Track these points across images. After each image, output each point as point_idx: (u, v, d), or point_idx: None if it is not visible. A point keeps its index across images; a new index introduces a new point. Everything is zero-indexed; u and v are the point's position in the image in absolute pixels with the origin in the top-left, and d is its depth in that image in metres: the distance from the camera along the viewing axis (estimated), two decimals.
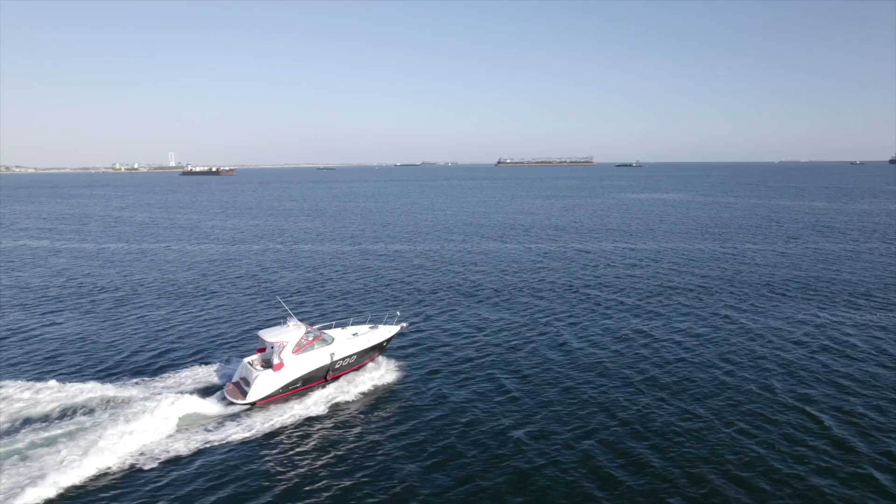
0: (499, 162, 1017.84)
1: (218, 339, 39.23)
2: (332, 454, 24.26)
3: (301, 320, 35.89)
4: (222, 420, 26.91)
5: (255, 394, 28.42)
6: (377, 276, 59.68)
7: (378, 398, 29.65)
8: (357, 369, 32.48)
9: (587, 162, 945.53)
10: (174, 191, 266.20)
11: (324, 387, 30.60)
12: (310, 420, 27.23)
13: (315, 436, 25.80)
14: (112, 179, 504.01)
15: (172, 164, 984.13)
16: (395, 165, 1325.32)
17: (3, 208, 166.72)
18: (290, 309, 43.77)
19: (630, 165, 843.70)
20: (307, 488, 21.89)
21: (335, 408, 28.49)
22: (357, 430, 26.35)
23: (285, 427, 26.46)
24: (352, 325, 34.83)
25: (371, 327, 34.18)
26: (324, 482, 22.28)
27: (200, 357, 35.48)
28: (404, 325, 36.16)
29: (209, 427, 26.20)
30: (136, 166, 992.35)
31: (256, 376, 28.73)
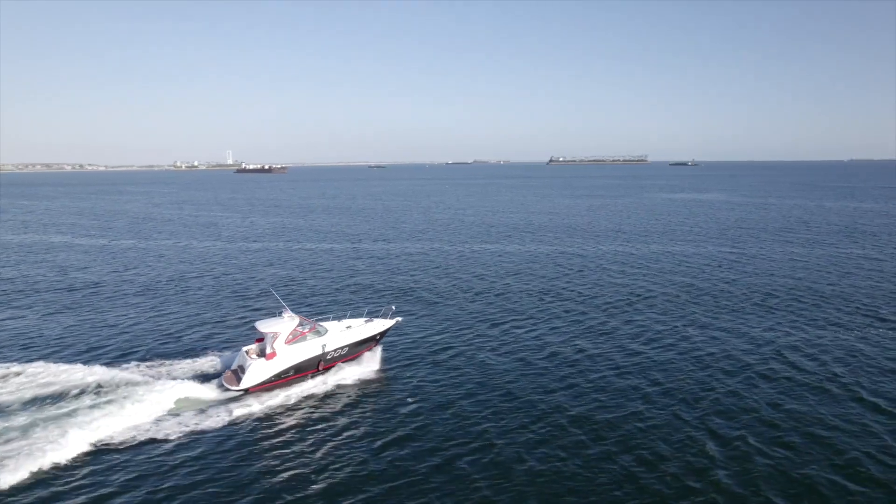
0: (550, 160, 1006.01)
1: (223, 330, 41.10)
2: (311, 438, 25.47)
3: (297, 313, 36.99)
4: (216, 404, 28.32)
5: (247, 381, 29.80)
6: (377, 273, 60.95)
7: (364, 388, 30.83)
8: (350, 360, 33.51)
9: (641, 161, 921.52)
10: (219, 188, 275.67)
11: (314, 376, 31.79)
12: (296, 407, 28.54)
13: (298, 421, 27.06)
14: (171, 177, 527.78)
15: (230, 161, 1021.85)
16: (447, 164, 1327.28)
17: (53, 203, 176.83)
18: (290, 302, 46.65)
19: (685, 164, 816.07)
20: (284, 469, 23.07)
21: (322, 396, 29.75)
22: (339, 417, 27.43)
23: (272, 413, 27.81)
24: (348, 318, 35.80)
25: (366, 321, 35.03)
26: (300, 463, 23.49)
27: (206, 346, 37.29)
28: (398, 319, 36.78)
29: (202, 410, 27.68)
30: (196, 164, 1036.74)
31: (250, 364, 30.14)
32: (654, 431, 25.90)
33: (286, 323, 31.70)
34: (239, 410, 27.65)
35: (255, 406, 28.17)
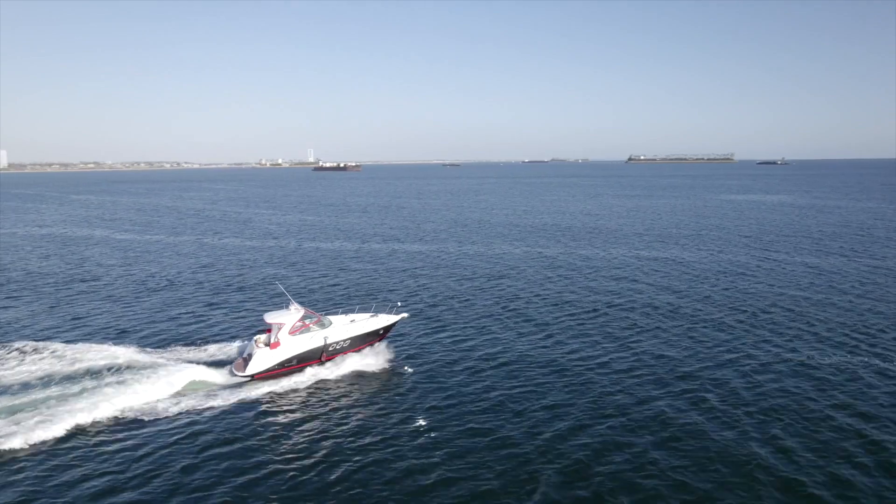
0: (629, 159, 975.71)
1: (240, 320, 43.31)
2: (305, 424, 26.87)
3: (305, 306, 37.93)
4: (223, 389, 30.37)
5: (252, 368, 31.52)
6: (392, 271, 61.90)
7: (363, 380, 32.07)
8: (353, 353, 34.38)
9: (727, 159, 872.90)
10: (286, 185, 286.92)
11: (315, 366, 33.05)
12: (295, 394, 30.19)
13: (295, 408, 28.63)
14: (251, 174, 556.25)
15: (311, 159, 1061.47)
16: (523, 162, 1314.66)
17: (123, 198, 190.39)
18: (304, 297, 49.48)
19: (774, 163, 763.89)
20: (274, 451, 24.55)
21: (321, 385, 31.27)
22: (335, 406, 28.76)
23: (272, 398, 29.51)
24: (357, 312, 36.98)
25: (371, 315, 35.97)
26: (290, 447, 24.90)
27: (223, 334, 39.60)
28: (404, 315, 37.55)
29: (210, 393, 29.71)
30: (279, 162, 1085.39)
31: (256, 353, 31.90)
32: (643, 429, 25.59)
33: (291, 315, 33.34)
34: (241, 395, 29.49)
35: (257, 392, 29.97)
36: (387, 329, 36.26)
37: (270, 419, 27.42)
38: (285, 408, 28.59)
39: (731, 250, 72.23)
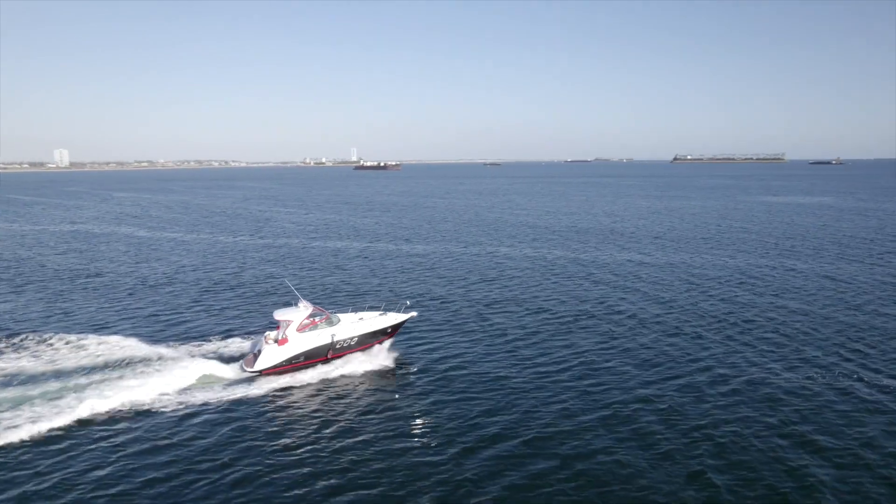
0: (675, 159, 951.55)
1: (257, 316, 44.20)
2: (308, 419, 27.47)
3: (315, 304, 38.39)
4: (231, 383, 31.15)
5: (260, 364, 32.13)
6: (403, 270, 62.38)
7: (369, 378, 32.43)
8: (360, 351, 34.80)
9: (777, 159, 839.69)
10: (321, 184, 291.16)
11: (325, 364, 33.60)
12: (300, 390, 30.79)
13: (300, 404, 29.21)
14: (295, 173, 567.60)
15: (354, 158, 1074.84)
16: (566, 161, 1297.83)
17: (162, 196, 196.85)
18: (312, 294, 50.29)
19: (828, 163, 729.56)
20: (275, 444, 25.27)
21: (327, 382, 31.76)
22: (338, 403, 29.18)
23: (277, 394, 30.18)
24: (366, 310, 37.38)
25: (380, 314, 36.18)
26: (292, 441, 25.51)
27: (238, 330, 40.46)
28: (413, 314, 37.65)
29: (218, 387, 30.61)
30: (323, 161, 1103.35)
31: (264, 349, 32.54)
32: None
33: (299, 312, 33.86)
34: (248, 391, 30.15)
35: (263, 388, 30.54)
36: (395, 328, 36.36)
37: (274, 415, 27.91)
38: (289, 404, 29.08)
39: (742, 256, 68.95)
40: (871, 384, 30.60)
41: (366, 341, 35.16)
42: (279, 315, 33.97)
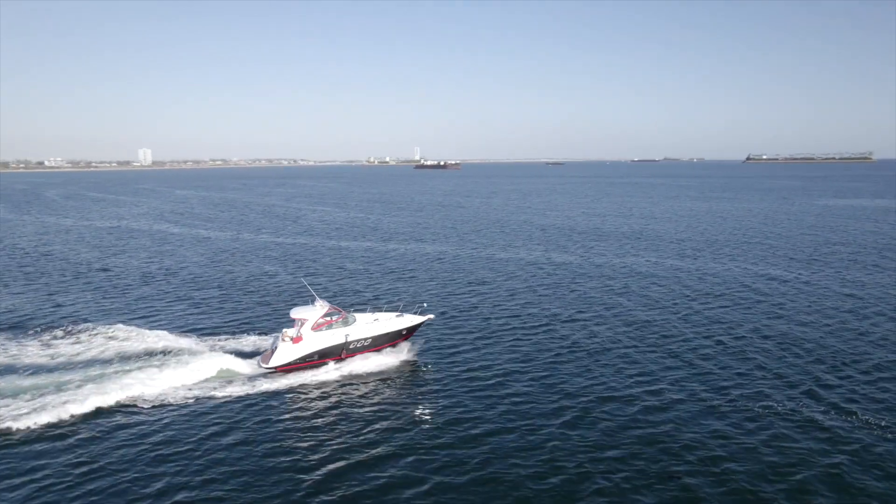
0: (748, 158, 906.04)
1: (279, 313, 44.68)
2: (316, 419, 27.81)
3: (331, 302, 38.81)
4: (246, 379, 31.93)
5: (275, 360, 32.92)
6: (424, 271, 62.18)
7: (380, 379, 32.56)
8: (374, 351, 34.96)
9: (864, 159, 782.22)
10: (374, 182, 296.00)
11: (338, 363, 33.96)
12: (312, 388, 31.20)
13: (310, 402, 29.69)
14: (356, 172, 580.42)
15: (417, 157, 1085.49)
16: (631, 161, 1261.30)
17: (214, 194, 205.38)
18: (332, 293, 50.97)
19: None
20: (282, 440, 25.75)
21: (338, 381, 32.14)
22: (347, 403, 29.52)
23: (290, 391, 30.72)
24: (384, 311, 37.28)
25: (397, 315, 36.19)
26: (299, 438, 25.97)
27: (264, 326, 41.29)
28: (430, 316, 37.48)
29: (233, 382, 31.52)
30: (387, 160, 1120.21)
31: (279, 346, 33.34)
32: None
33: (315, 310, 34.24)
34: (260, 387, 30.70)
35: (276, 384, 31.09)
36: (411, 330, 36.17)
37: (283, 412, 28.28)
38: (300, 402, 29.44)
39: (766, 262, 64.43)
40: None
41: (380, 342, 35.11)
42: (295, 313, 34.44)
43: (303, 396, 30.10)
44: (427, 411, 28.35)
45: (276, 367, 32.65)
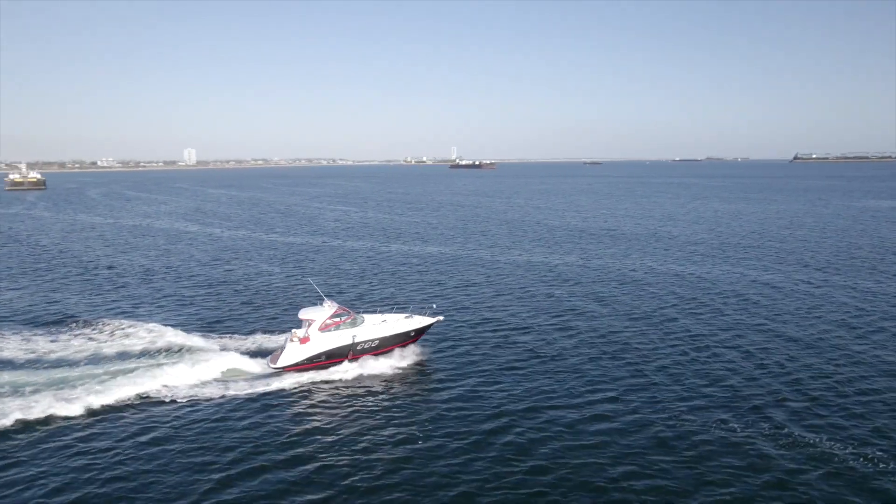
0: (795, 158, 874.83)
1: (291, 314, 43.01)
2: (320, 420, 27.71)
3: (340, 303, 38.69)
4: (254, 378, 31.96)
5: (282, 361, 32.87)
6: (439, 273, 61.38)
7: (386, 381, 32.27)
8: (382, 353, 34.62)
9: None
10: (405, 182, 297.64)
11: (343, 364, 33.67)
12: (317, 389, 31.15)
13: (314, 402, 29.63)
14: (392, 171, 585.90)
15: (454, 157, 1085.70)
16: (673, 161, 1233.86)
17: (242, 192, 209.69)
18: (342, 294, 50.93)
19: None
20: (281, 443, 25.68)
21: (344, 383, 32.00)
22: (352, 405, 29.33)
23: (295, 392, 30.70)
24: (393, 312, 36.97)
25: (406, 316, 35.87)
26: (299, 441, 25.83)
27: (277, 327, 41.11)
28: (439, 318, 37.15)
29: (240, 381, 31.50)
30: (424, 159, 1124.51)
31: (287, 346, 33.40)
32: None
33: (323, 311, 34.23)
34: (265, 387, 30.66)
35: (281, 384, 31.02)
36: (419, 331, 35.82)
37: (286, 413, 28.29)
38: (304, 403, 29.39)
39: (773, 267, 61.81)
40: None
41: (388, 344, 34.75)
42: (304, 314, 34.35)
43: (306, 398, 30.01)
44: (431, 415, 27.88)
45: (283, 368, 32.53)
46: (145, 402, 29.13)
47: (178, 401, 29.21)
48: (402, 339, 35.18)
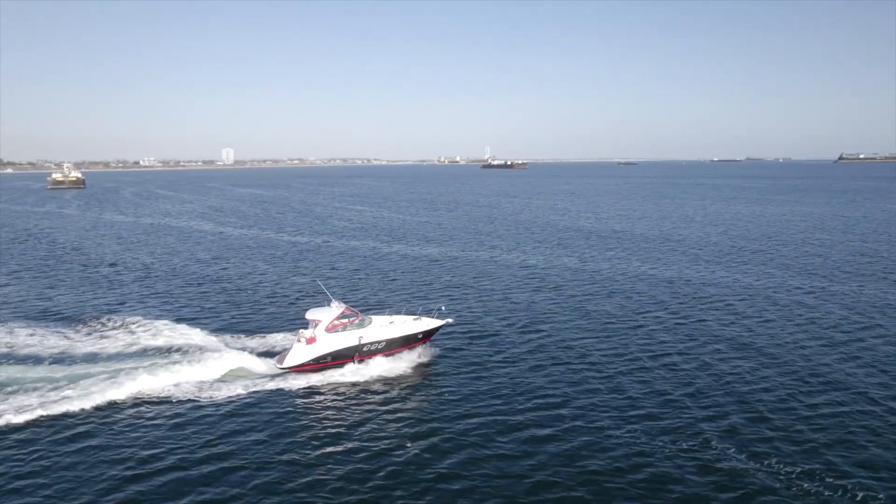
0: (840, 158, 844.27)
1: (302, 314, 42.60)
2: (322, 422, 27.57)
3: (349, 304, 38.48)
4: (259, 378, 31.77)
5: (288, 361, 32.66)
6: (450, 274, 60.80)
7: (392, 384, 31.83)
8: (390, 355, 34.13)
9: None
10: (431, 181, 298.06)
11: (349, 365, 33.29)
12: (322, 390, 30.89)
13: (318, 403, 29.60)
14: (422, 171, 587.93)
15: (487, 157, 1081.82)
16: (711, 161, 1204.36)
17: (269, 192, 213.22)
18: (346, 293, 50.74)
19: None
20: (283, 444, 25.53)
21: (350, 385, 31.53)
22: (356, 407, 29.08)
23: (300, 393, 30.51)
24: (402, 314, 36.52)
25: (415, 318, 35.40)
26: (302, 443, 25.68)
27: (288, 326, 41.07)
28: (449, 320, 36.40)
29: (246, 380, 31.42)
30: (457, 159, 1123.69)
31: (293, 347, 33.20)
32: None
33: (329, 312, 33.91)
34: (274, 386, 30.68)
35: (286, 385, 30.90)
36: (428, 334, 35.25)
37: (288, 414, 28.13)
38: (306, 404, 29.29)
39: (781, 272, 59.48)
40: None
41: (395, 346, 34.30)
42: (311, 314, 34.16)
43: (309, 399, 29.84)
44: (436, 418, 27.48)
45: (289, 368, 32.32)
46: (151, 399, 29.29)
47: (183, 399, 29.33)
48: (410, 342, 34.62)
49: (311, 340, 32.64)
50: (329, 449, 24.86)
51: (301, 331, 33.89)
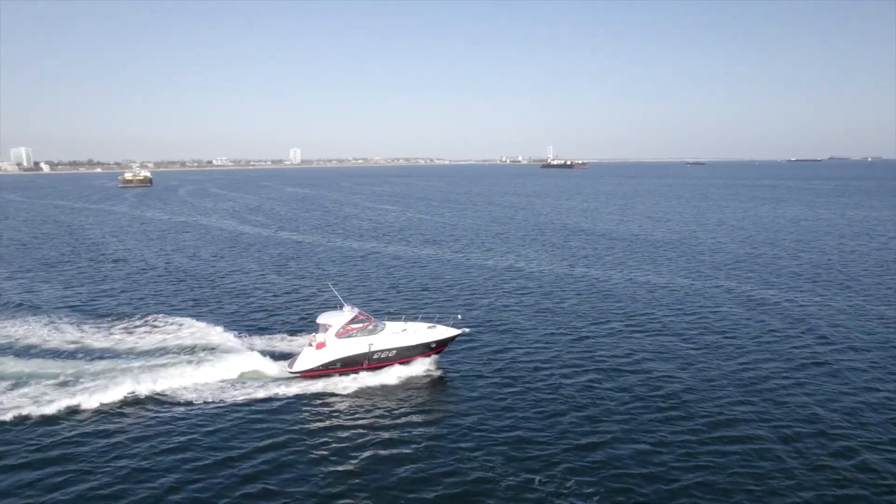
0: None
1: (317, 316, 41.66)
2: (321, 423, 27.69)
3: (362, 310, 37.05)
4: (270, 381, 31.52)
5: (297, 366, 32.29)
6: (467, 280, 58.50)
7: (403, 393, 31.13)
8: (400, 364, 33.38)
9: None
10: (482, 181, 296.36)
11: (359, 372, 32.65)
12: (330, 396, 30.45)
13: (324, 409, 29.27)
14: (480, 170, 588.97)
15: (550, 156, 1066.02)
16: (788, 161, 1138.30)
17: (312, 191, 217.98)
18: (363, 297, 50.61)
19: None
20: (285, 449, 25.48)
21: (358, 392, 30.94)
22: (363, 415, 28.63)
23: (307, 398, 30.16)
24: (418, 321, 35.29)
25: (429, 327, 34.20)
26: (306, 450, 25.49)
27: (305, 329, 40.16)
28: (464, 330, 35.35)
29: (256, 383, 31.28)
30: (519, 159, 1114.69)
31: (304, 351, 32.83)
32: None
33: (340, 317, 33.26)
34: (280, 391, 30.36)
35: (294, 390, 30.55)
36: (441, 343, 34.15)
37: (291, 418, 28.11)
38: (309, 410, 28.98)
39: (781, 283, 55.58)
40: None
41: (407, 354, 33.33)
42: (322, 319, 33.53)
43: (313, 405, 29.42)
44: (444, 430, 26.91)
45: (299, 373, 31.91)
46: (163, 398, 29.58)
47: (198, 400, 29.38)
48: (422, 350, 33.52)
49: (320, 345, 32.03)
50: (325, 454, 24.83)
51: (314, 334, 33.16)
